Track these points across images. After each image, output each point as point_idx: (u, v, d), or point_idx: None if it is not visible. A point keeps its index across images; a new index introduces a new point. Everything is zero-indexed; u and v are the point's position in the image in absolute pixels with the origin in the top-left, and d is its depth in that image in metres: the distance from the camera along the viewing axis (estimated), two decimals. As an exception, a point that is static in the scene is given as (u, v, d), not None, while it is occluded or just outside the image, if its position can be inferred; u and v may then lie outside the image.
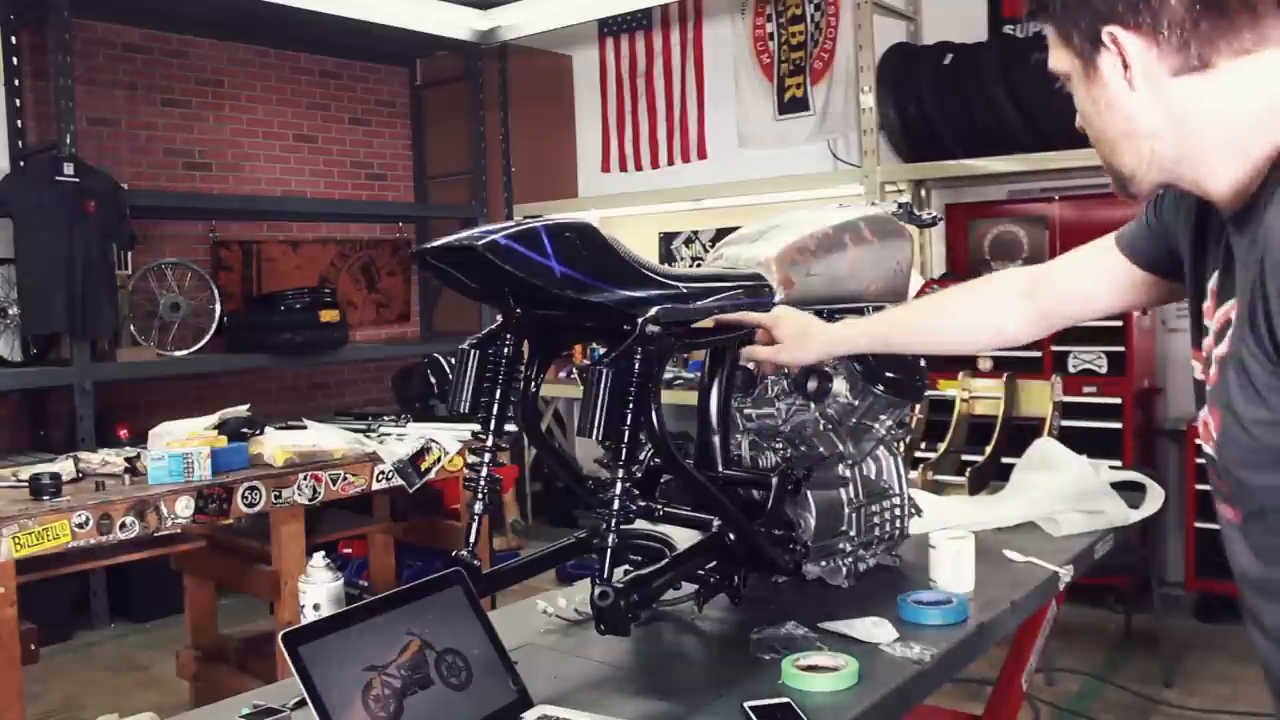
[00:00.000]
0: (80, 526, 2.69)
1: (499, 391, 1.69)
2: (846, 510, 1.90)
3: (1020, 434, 3.75)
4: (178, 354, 5.34)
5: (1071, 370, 4.35)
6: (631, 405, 1.51)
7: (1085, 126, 1.11)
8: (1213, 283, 1.10)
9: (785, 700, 1.41)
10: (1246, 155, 0.99)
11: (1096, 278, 1.40)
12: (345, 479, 3.25)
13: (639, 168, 6.56)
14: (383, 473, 3.34)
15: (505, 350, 1.69)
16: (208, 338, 5.51)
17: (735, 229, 2.04)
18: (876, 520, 1.95)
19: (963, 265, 5.00)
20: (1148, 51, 1.00)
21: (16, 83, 5.10)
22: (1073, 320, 1.51)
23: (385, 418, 3.89)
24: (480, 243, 1.44)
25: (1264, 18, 0.96)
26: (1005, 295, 1.52)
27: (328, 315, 5.65)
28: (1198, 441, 1.17)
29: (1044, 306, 1.47)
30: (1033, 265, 1.54)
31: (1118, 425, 4.28)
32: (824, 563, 1.89)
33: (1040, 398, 3.96)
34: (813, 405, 1.94)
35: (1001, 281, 1.56)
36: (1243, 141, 0.99)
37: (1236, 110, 0.99)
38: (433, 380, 4.20)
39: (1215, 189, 1.03)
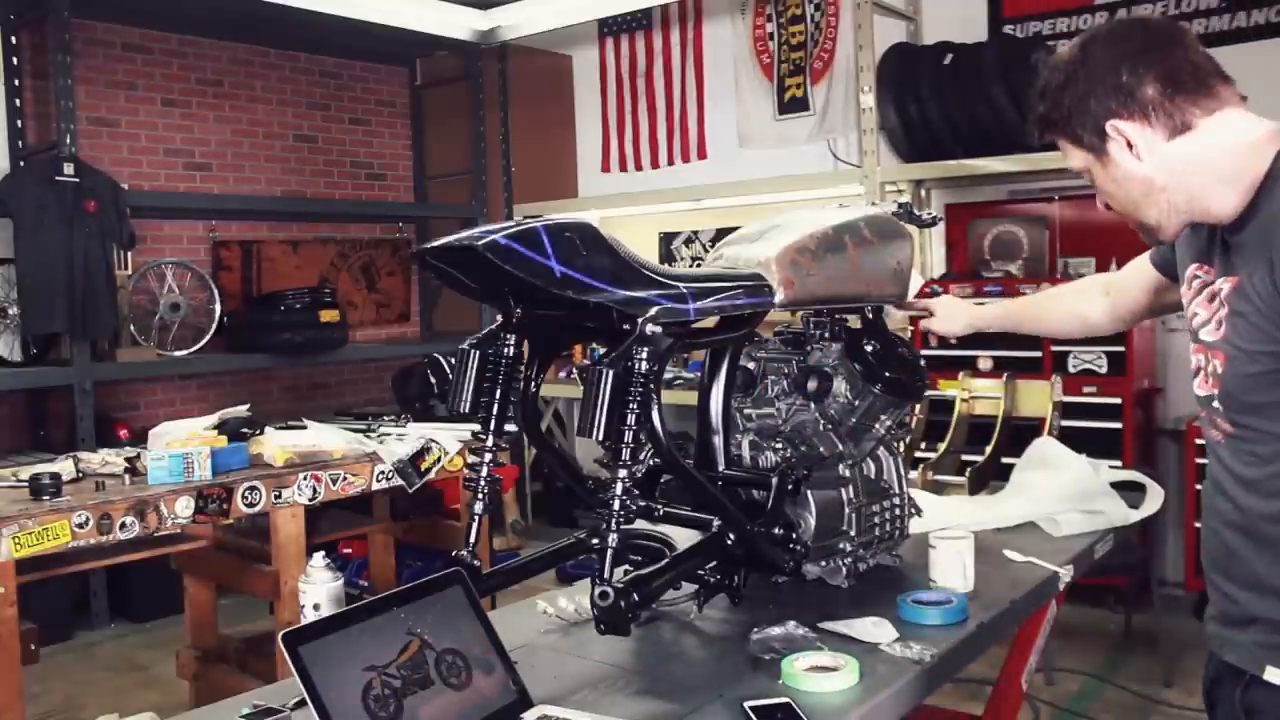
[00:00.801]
0: (80, 526, 2.69)
1: (499, 391, 1.69)
2: (846, 510, 1.90)
3: (1020, 434, 3.75)
4: (178, 354, 5.34)
5: (1071, 370, 4.35)
6: (632, 405, 1.51)
7: (1109, 200, 1.41)
8: (1200, 272, 1.41)
9: (785, 700, 1.41)
10: (1239, 182, 1.29)
11: (1140, 283, 1.78)
12: (345, 479, 3.25)
13: (639, 168, 6.57)
14: (383, 473, 3.34)
15: (505, 350, 1.69)
16: (208, 338, 5.51)
17: (735, 229, 2.03)
18: (876, 520, 1.95)
19: (963, 265, 5.00)
20: (1143, 130, 1.30)
21: (16, 83, 5.11)
22: (1129, 317, 1.89)
23: (385, 418, 3.89)
24: (480, 243, 1.44)
25: (1215, 86, 1.30)
26: (1094, 291, 1.93)
27: (328, 315, 5.65)
28: (1197, 391, 1.44)
29: (1114, 303, 1.87)
30: (1109, 274, 1.95)
31: (1118, 425, 4.28)
32: (824, 563, 1.89)
33: (1040, 398, 3.96)
34: (813, 405, 1.94)
35: (1090, 280, 1.99)
36: (1233, 173, 1.29)
37: (1220, 153, 1.30)
38: (433, 380, 4.21)
39: (1221, 213, 1.32)
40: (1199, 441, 4.20)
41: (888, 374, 1.93)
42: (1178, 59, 1.29)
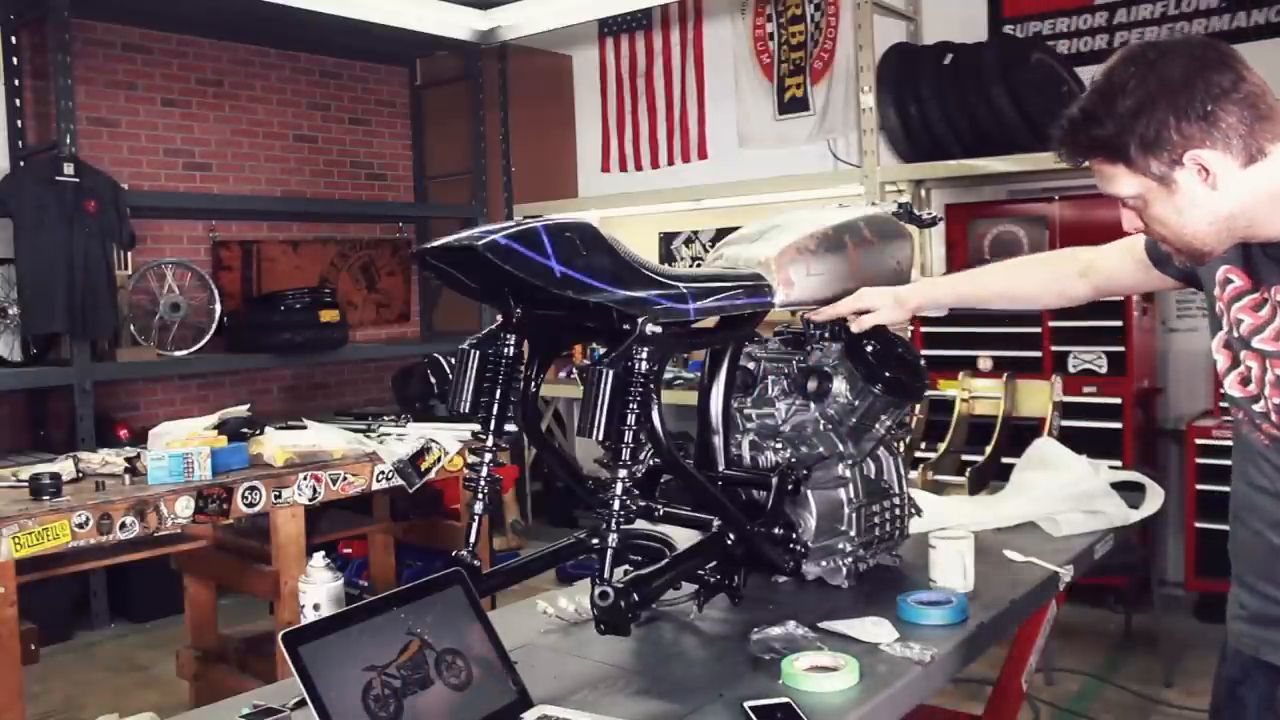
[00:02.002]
0: (80, 526, 2.69)
1: (499, 391, 1.69)
2: (846, 510, 1.90)
3: (1020, 434, 3.76)
4: (178, 354, 5.34)
5: (1071, 370, 4.35)
6: (632, 405, 1.51)
7: (1159, 227, 1.36)
8: (1233, 275, 1.42)
9: (785, 700, 1.41)
10: None
11: (1128, 264, 1.72)
12: (345, 479, 3.25)
13: (639, 168, 6.56)
14: (383, 473, 3.34)
15: (505, 350, 1.69)
16: (208, 338, 5.51)
17: (735, 229, 2.03)
18: (876, 520, 1.95)
19: (963, 265, 4.99)
20: (1223, 159, 1.27)
21: (16, 83, 5.10)
22: (1112, 292, 1.87)
23: (385, 418, 3.89)
24: (480, 243, 1.44)
25: (1276, 109, 1.28)
26: (1071, 271, 1.84)
27: (328, 315, 5.65)
28: (1231, 392, 1.44)
29: (1093, 282, 1.81)
30: (1080, 249, 1.85)
31: (1118, 425, 4.28)
32: (824, 563, 1.89)
33: (1040, 398, 3.96)
34: (813, 405, 1.94)
35: (1069, 259, 1.88)
36: None
37: None
38: (433, 380, 4.21)
39: (1269, 233, 1.33)
40: (1200, 442, 4.21)
41: (888, 374, 1.93)
42: (1252, 84, 1.26)
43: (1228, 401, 1.46)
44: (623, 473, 1.50)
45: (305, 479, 3.14)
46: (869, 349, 1.94)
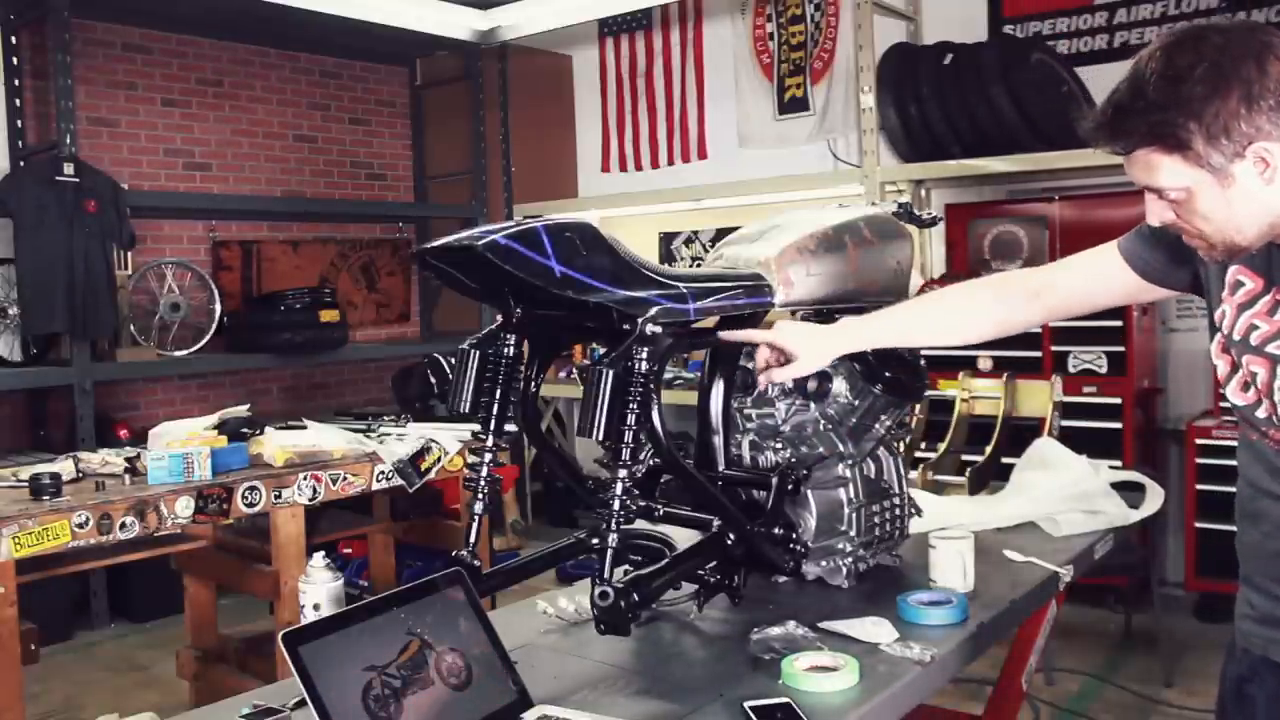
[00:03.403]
0: (80, 526, 2.69)
1: (499, 391, 1.69)
2: (846, 510, 1.90)
3: (1020, 434, 3.76)
4: (178, 354, 5.34)
5: (1071, 370, 4.35)
6: (632, 405, 1.51)
7: (1199, 222, 1.27)
8: (1244, 278, 1.35)
9: (785, 700, 1.41)
10: None
11: (1098, 279, 1.58)
12: (345, 479, 3.25)
13: (639, 168, 6.56)
14: (383, 473, 3.34)
15: (505, 350, 1.69)
16: (208, 338, 5.50)
17: (735, 229, 2.03)
18: (876, 520, 1.95)
19: (963, 265, 4.99)
20: None
21: (16, 83, 5.10)
22: (1075, 314, 1.68)
23: (385, 418, 3.89)
24: (480, 243, 1.44)
25: None
26: (1016, 292, 1.67)
27: (328, 315, 5.65)
28: (1234, 400, 1.38)
29: (1050, 304, 1.64)
30: (1035, 269, 1.68)
31: (1118, 425, 4.28)
32: (824, 563, 1.89)
33: (1040, 398, 3.96)
34: (813, 405, 1.94)
35: (1013, 280, 1.71)
36: None
37: None
38: (433, 380, 4.21)
39: None
40: (1201, 442, 4.21)
41: (888, 374, 1.93)
42: None
43: (1230, 408, 1.43)
44: (623, 473, 1.50)
45: (305, 479, 3.14)
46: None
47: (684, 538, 1.78)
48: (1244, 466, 1.45)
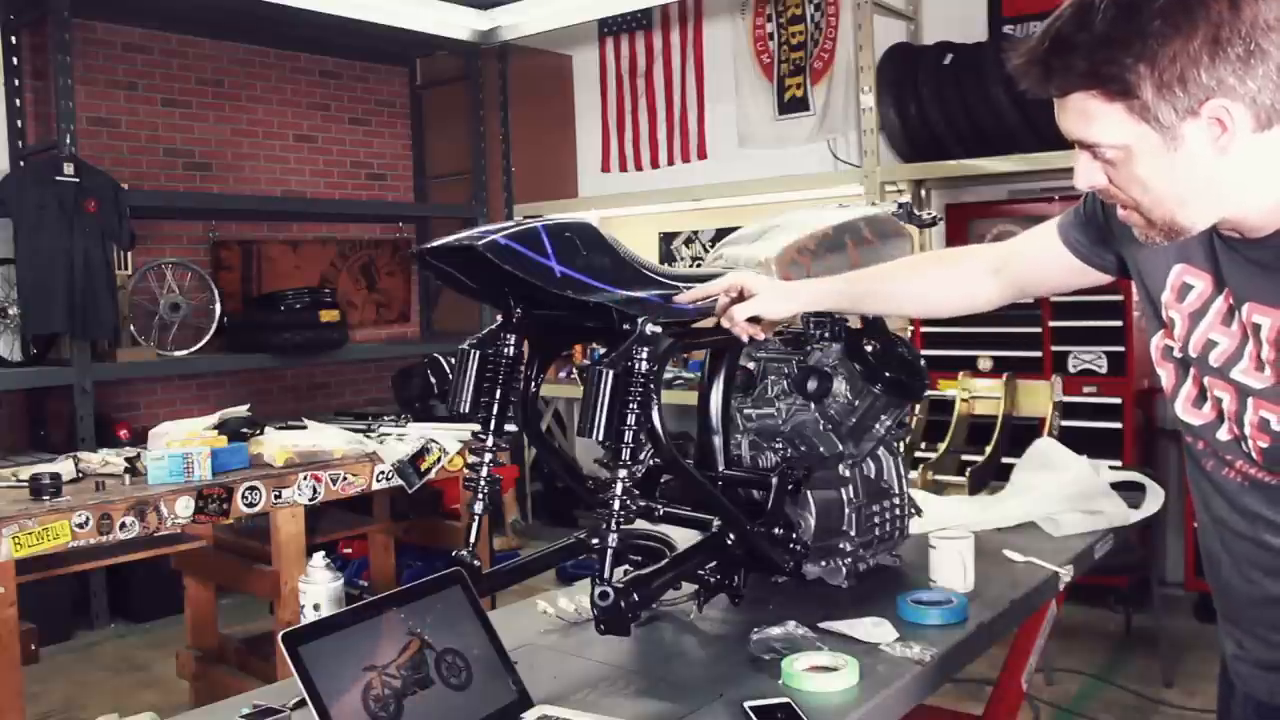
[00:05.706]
0: (80, 526, 2.69)
1: (499, 391, 1.69)
2: (846, 510, 1.90)
3: (1020, 434, 3.76)
4: (178, 354, 5.34)
5: (1071, 370, 4.35)
6: (632, 405, 1.51)
7: (1134, 191, 1.08)
8: (1191, 279, 1.18)
9: (785, 700, 1.41)
10: None
11: (1046, 261, 1.46)
12: (345, 479, 3.25)
13: (639, 168, 6.56)
14: (383, 473, 3.34)
15: (505, 350, 1.69)
16: (208, 338, 5.51)
17: (735, 229, 2.04)
18: (876, 520, 1.95)
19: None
20: (1244, 116, 1.00)
21: (16, 83, 5.10)
22: (1034, 293, 1.62)
23: (385, 418, 3.89)
24: (480, 243, 1.44)
25: None
26: (977, 270, 1.59)
27: (328, 315, 5.65)
28: (1186, 418, 1.24)
29: (1009, 281, 1.56)
30: (996, 245, 1.63)
31: (1118, 425, 4.28)
32: (824, 563, 1.89)
33: (1040, 398, 3.96)
34: (813, 405, 1.94)
35: (974, 256, 1.63)
36: None
37: None
38: (433, 380, 4.21)
39: (1259, 224, 1.08)
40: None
41: (888, 374, 1.93)
42: None
43: (1182, 426, 1.24)
44: (623, 473, 1.50)
45: (305, 479, 3.14)
46: (869, 349, 1.94)
47: (684, 538, 1.78)
48: (1204, 497, 1.28)
